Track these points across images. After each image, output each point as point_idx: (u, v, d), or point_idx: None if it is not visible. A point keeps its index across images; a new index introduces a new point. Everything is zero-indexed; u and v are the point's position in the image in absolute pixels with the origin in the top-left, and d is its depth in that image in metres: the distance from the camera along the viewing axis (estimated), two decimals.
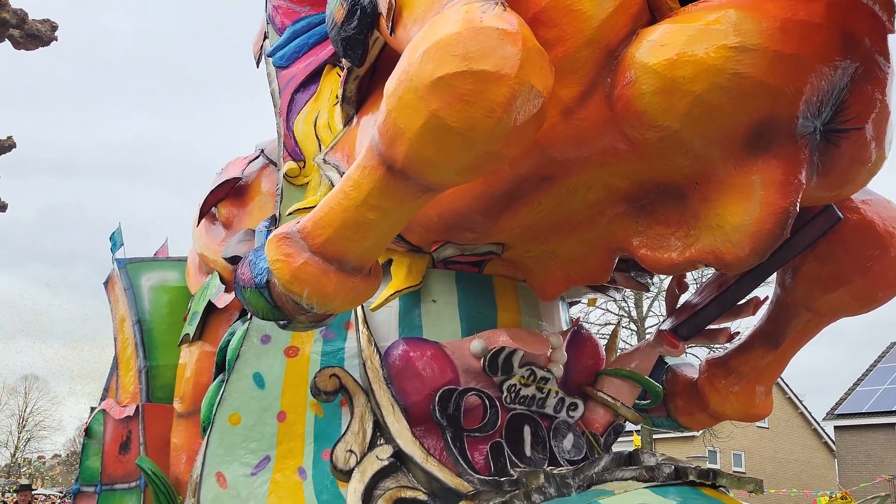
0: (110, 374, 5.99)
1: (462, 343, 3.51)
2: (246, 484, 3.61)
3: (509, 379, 3.43)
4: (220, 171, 5.09)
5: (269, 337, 3.82)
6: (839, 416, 31.69)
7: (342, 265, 2.74)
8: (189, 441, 4.60)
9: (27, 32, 17.92)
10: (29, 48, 18.29)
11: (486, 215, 3.16)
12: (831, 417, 32.19)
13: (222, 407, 3.73)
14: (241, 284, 3.06)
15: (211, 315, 4.73)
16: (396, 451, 3.27)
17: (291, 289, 2.73)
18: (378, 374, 3.42)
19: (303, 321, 2.99)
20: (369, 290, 2.86)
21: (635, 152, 2.72)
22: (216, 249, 4.79)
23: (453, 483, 3.10)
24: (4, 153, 18.26)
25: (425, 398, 3.32)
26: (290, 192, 4.00)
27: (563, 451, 3.42)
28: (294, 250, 2.73)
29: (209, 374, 4.57)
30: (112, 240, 6.10)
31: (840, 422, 31.61)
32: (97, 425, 5.60)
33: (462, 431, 3.24)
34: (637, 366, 3.81)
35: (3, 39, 17.21)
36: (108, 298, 5.90)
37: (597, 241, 3.24)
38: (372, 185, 2.57)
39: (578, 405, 3.59)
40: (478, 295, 3.73)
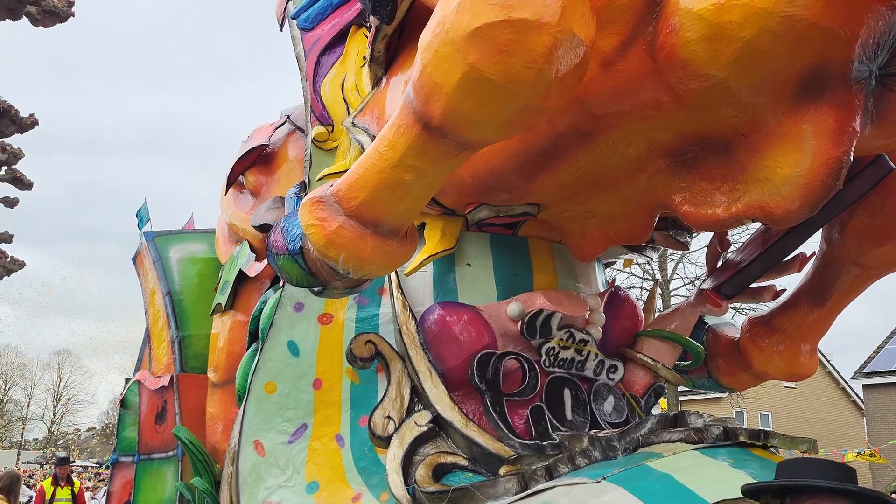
0: (143, 346, 6.01)
1: (499, 306, 3.45)
2: (284, 451, 3.60)
3: (548, 342, 3.37)
4: (245, 138, 5.03)
5: (302, 304, 3.78)
6: (867, 375, 31.37)
7: (378, 228, 2.68)
8: (224, 410, 4.59)
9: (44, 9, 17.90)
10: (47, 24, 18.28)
11: (523, 174, 3.07)
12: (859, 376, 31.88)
13: (258, 376, 3.71)
14: (274, 251, 3.01)
15: (242, 284, 4.70)
16: (435, 417, 3.23)
17: (327, 254, 2.67)
18: (414, 340, 3.37)
19: (338, 287, 2.93)
20: (406, 254, 2.80)
21: (679, 104, 2.61)
22: (245, 218, 4.74)
23: (494, 448, 3.05)
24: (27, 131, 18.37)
25: (463, 363, 3.27)
26: (318, 157, 3.93)
27: (604, 413, 3.36)
28: (328, 214, 2.67)
29: (242, 343, 4.55)
30: (139, 216, 6.08)
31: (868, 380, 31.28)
32: (132, 396, 5.63)
33: (501, 396, 3.19)
34: (677, 326, 3.73)
35: (21, 16, 17.23)
36: (138, 273, 5.90)
37: (636, 199, 3.14)
38: (407, 145, 2.49)
39: (618, 367, 3.52)
40: (513, 257, 3.66)
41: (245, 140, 5.01)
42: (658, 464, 2.43)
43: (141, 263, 5.80)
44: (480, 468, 3.10)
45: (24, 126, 18.20)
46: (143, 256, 5.74)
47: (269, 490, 3.51)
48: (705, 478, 2.34)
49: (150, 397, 5.30)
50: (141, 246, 5.81)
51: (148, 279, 5.68)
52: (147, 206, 6.05)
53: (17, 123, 17.91)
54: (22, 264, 18.92)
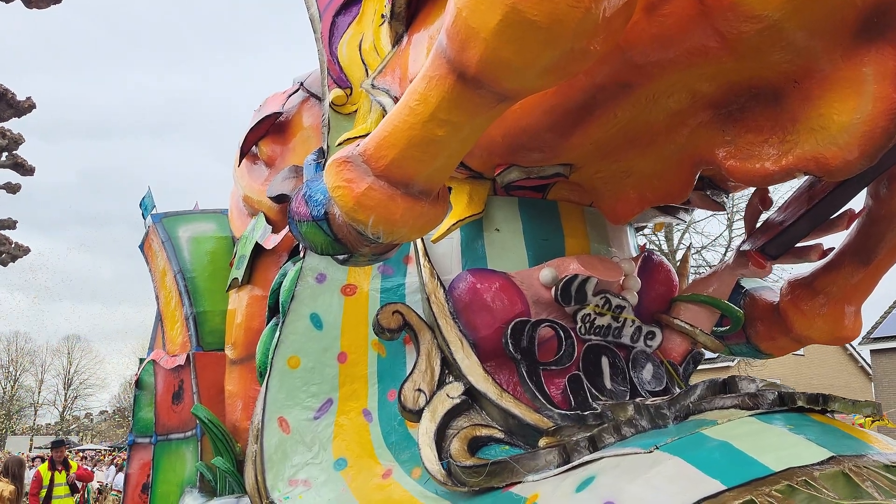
0: (154, 330, 5.90)
1: (531, 272, 3.30)
2: (309, 428, 3.48)
3: (583, 308, 3.22)
4: (257, 107, 4.87)
5: (324, 276, 3.64)
6: (875, 340, 31.26)
7: (409, 189, 2.53)
8: (244, 387, 4.48)
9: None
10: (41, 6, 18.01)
11: (557, 131, 2.91)
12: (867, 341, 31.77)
13: (280, 350, 3.58)
14: (297, 219, 2.86)
15: (258, 258, 4.57)
16: (468, 389, 3.10)
17: (355, 217, 2.52)
18: (444, 309, 3.23)
19: (365, 253, 2.79)
20: (438, 216, 2.65)
21: (727, 50, 2.44)
22: (260, 189, 4.60)
23: (532, 419, 2.92)
24: (24, 114, 18.20)
25: (496, 332, 3.13)
26: (337, 121, 3.77)
27: (644, 382, 3.23)
28: (356, 175, 2.52)
29: (261, 318, 4.42)
30: (143, 205, 5.94)
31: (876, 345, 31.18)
32: (148, 376, 5.53)
33: (538, 365, 3.05)
34: (715, 290, 3.58)
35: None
36: (146, 259, 5.78)
37: (677, 155, 2.98)
38: (440, 97, 2.32)
39: (656, 334, 3.38)
40: (543, 222, 3.50)
41: (257, 109, 4.85)
42: (713, 431, 2.29)
43: (149, 248, 5.68)
44: (517, 440, 2.97)
45: (21, 110, 18.04)
46: (152, 240, 5.62)
47: (295, 468, 3.39)
48: (766, 444, 2.20)
49: (166, 377, 5.19)
50: (148, 231, 5.69)
51: (157, 261, 5.57)
52: (151, 194, 5.91)
53: (15, 107, 17.75)
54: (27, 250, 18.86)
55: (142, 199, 5.95)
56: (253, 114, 4.82)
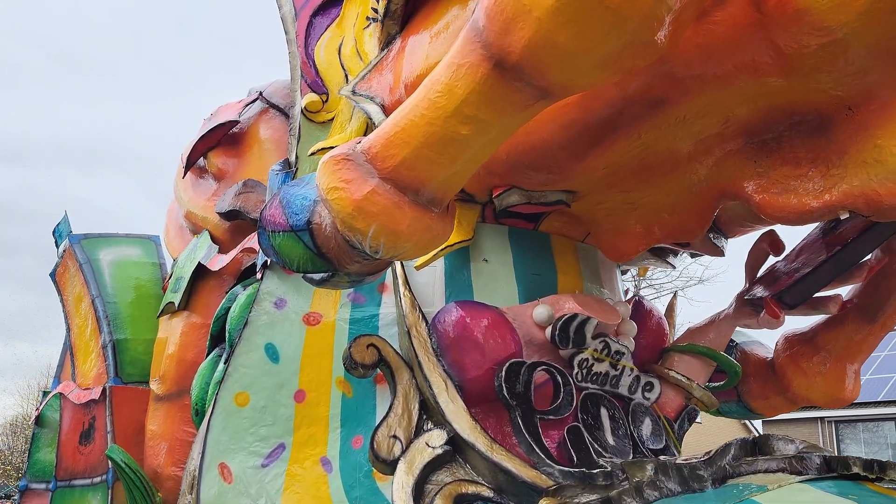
0: (61, 361, 5.22)
1: (523, 309, 2.95)
2: (256, 477, 2.99)
3: (580, 352, 2.89)
4: (208, 116, 4.41)
5: (284, 301, 3.19)
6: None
7: (418, 196, 2.16)
8: (171, 428, 3.92)
9: None
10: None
11: (571, 150, 2.61)
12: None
13: (226, 385, 3.09)
14: (271, 229, 2.44)
15: (198, 281, 4.06)
16: (451, 437, 2.69)
17: (353, 225, 2.12)
18: (426, 345, 2.84)
19: (352, 272, 2.39)
20: (445, 233, 2.28)
21: (780, 67, 2.20)
22: (206, 205, 4.13)
23: (528, 476, 2.53)
24: None
25: (486, 373, 2.75)
26: (309, 130, 3.38)
27: (644, 438, 2.89)
28: (358, 175, 2.13)
29: (197, 349, 3.90)
30: (57, 232, 5.30)
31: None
32: (51, 412, 4.84)
33: (534, 413, 2.68)
34: (711, 341, 3.32)
35: None
36: (58, 288, 5.14)
37: (697, 188, 2.71)
38: (469, 89, 1.98)
39: (654, 385, 3.07)
40: (535, 255, 3.18)
41: (207, 118, 4.39)
42: (766, 498, 1.96)
43: (63, 274, 5.05)
44: (509, 500, 2.57)
45: None
46: (67, 264, 5.00)
47: None
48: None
49: (74, 413, 4.54)
50: (62, 256, 5.05)
51: (71, 288, 4.95)
52: (67, 219, 5.28)
53: None
54: None
55: (56, 226, 5.32)
56: (202, 122, 4.36)
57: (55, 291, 5.21)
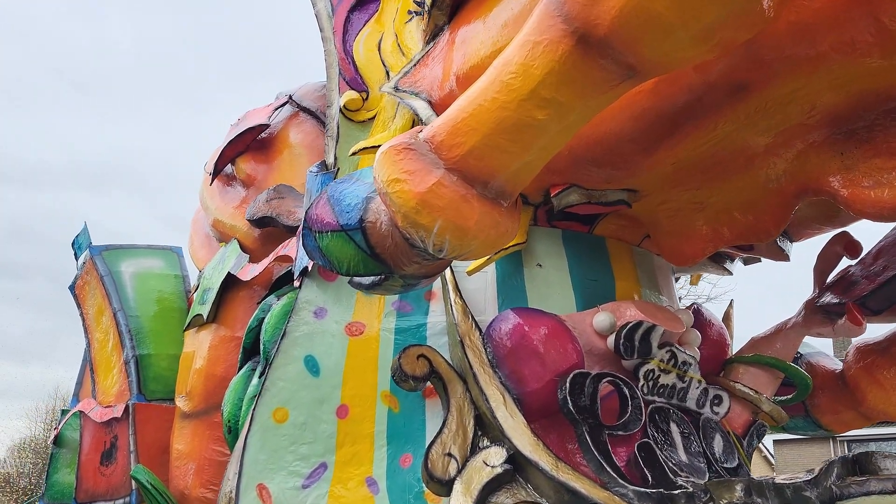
0: (80, 377, 5.04)
1: (582, 317, 2.76)
2: (296, 499, 2.78)
3: (646, 363, 2.68)
4: (235, 122, 4.25)
5: (324, 310, 3.00)
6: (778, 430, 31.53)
7: (487, 189, 1.97)
8: (199, 447, 3.71)
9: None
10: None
11: (641, 144, 2.42)
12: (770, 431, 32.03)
13: (264, 400, 2.89)
14: (317, 229, 2.26)
15: (227, 293, 3.86)
16: (511, 455, 2.48)
17: (416, 221, 1.94)
18: (481, 356, 2.64)
19: (408, 274, 2.20)
20: (512, 230, 2.09)
21: (882, 46, 2.01)
22: (234, 213, 3.95)
23: (599, 497, 2.31)
24: None
25: (547, 385, 2.55)
26: (347, 130, 3.21)
27: (717, 455, 2.68)
28: (422, 166, 1.94)
29: (227, 363, 3.71)
30: (76, 244, 5.13)
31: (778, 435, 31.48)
32: (70, 431, 4.66)
33: (602, 429, 2.47)
34: (778, 351, 3.11)
35: None
36: (77, 301, 4.95)
37: (773, 184, 2.52)
38: (547, 69, 1.80)
39: (723, 398, 2.86)
40: (591, 259, 2.99)
41: (234, 124, 4.23)
42: None
43: (83, 287, 4.87)
44: None
45: None
46: (87, 277, 4.81)
47: None
48: None
49: (95, 431, 4.34)
50: (83, 268, 4.88)
51: (92, 300, 4.76)
52: (87, 231, 5.10)
53: None
54: None
55: (76, 237, 5.16)
56: (229, 128, 4.19)
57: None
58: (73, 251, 5.09)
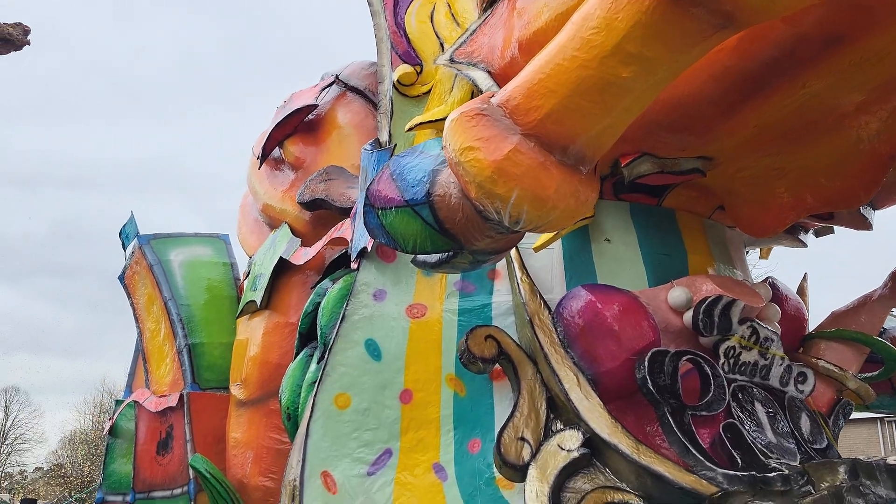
0: (132, 368, 5.02)
1: (656, 293, 2.62)
2: (361, 487, 2.70)
3: (726, 340, 2.53)
4: (281, 104, 4.16)
5: (383, 292, 2.91)
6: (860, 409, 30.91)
7: (566, 155, 1.84)
8: (257, 435, 3.65)
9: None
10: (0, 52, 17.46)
11: (722, 107, 2.27)
12: None
13: (324, 386, 2.80)
14: (380, 206, 2.16)
15: (279, 279, 3.79)
16: (587, 439, 2.36)
17: (492, 190, 1.81)
18: (552, 336, 2.52)
19: (479, 249, 2.08)
20: (591, 199, 1.96)
21: None
22: (284, 197, 3.87)
23: (686, 481, 2.19)
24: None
25: (623, 364, 2.42)
26: (401, 105, 3.10)
27: (805, 436, 2.53)
28: (497, 132, 1.82)
29: (282, 350, 3.64)
30: (123, 233, 5.11)
31: None
32: (126, 422, 4.64)
33: (686, 409, 2.34)
34: (863, 325, 2.94)
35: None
36: (127, 291, 4.93)
37: (865, 145, 2.36)
38: (634, 21, 1.66)
39: (808, 376, 2.70)
40: (661, 233, 2.84)
41: (280, 106, 4.14)
42: None
43: (132, 276, 4.85)
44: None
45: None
46: (136, 266, 4.79)
47: None
48: None
49: (150, 421, 4.32)
50: (131, 258, 4.85)
51: (142, 288, 4.73)
52: (134, 220, 5.07)
53: None
54: None
55: (123, 227, 5.14)
56: (276, 111, 4.11)
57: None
58: (120, 241, 5.07)
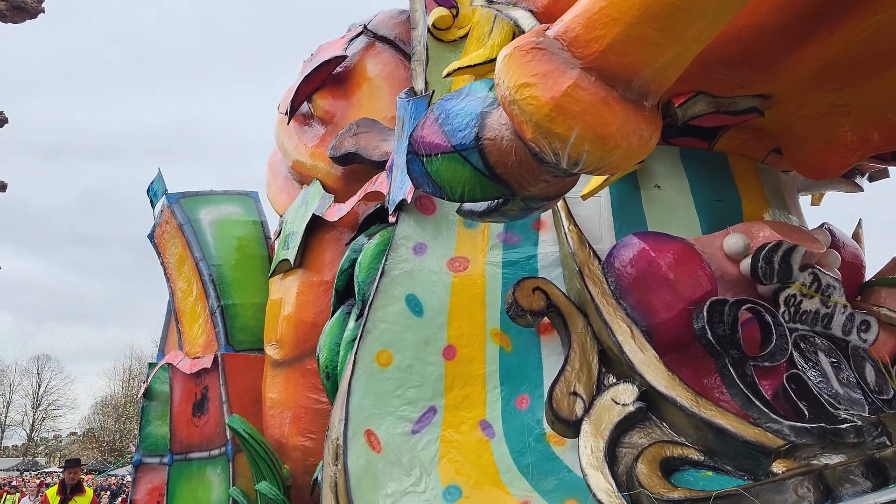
0: (165, 328, 4.99)
1: (711, 240, 2.51)
2: (407, 445, 2.63)
3: (786, 288, 2.42)
4: (308, 57, 4.03)
5: (423, 246, 2.81)
6: None
7: (628, 89, 1.72)
8: (294, 395, 3.60)
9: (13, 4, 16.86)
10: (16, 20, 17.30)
11: (786, 39, 2.13)
12: None
13: (365, 343, 2.72)
14: (425, 152, 2.05)
15: (311, 236, 3.70)
16: (643, 392, 2.27)
17: (551, 129, 1.70)
18: (603, 286, 2.41)
19: (532, 195, 1.97)
20: (655, 137, 1.84)
21: None
22: (315, 152, 3.76)
23: (750, 434, 2.09)
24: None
25: (679, 315, 2.32)
26: (438, 51, 2.97)
27: (871, 386, 2.42)
28: (555, 66, 1.70)
29: (317, 309, 3.57)
30: (151, 190, 5.03)
31: None
32: (160, 384, 4.62)
33: (747, 360, 2.23)
34: None
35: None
36: (157, 250, 4.87)
37: None
38: None
39: (871, 324, 2.59)
40: (713, 178, 2.72)
41: (307, 59, 4.01)
42: None
43: (161, 236, 4.78)
44: (725, 463, 2.14)
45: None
46: (165, 225, 4.72)
47: (391, 498, 2.53)
48: None
49: (185, 383, 4.29)
50: (160, 216, 4.78)
51: (172, 248, 4.66)
52: (162, 177, 4.99)
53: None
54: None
55: (150, 184, 5.05)
56: (303, 65, 3.98)
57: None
58: (148, 198, 5.00)
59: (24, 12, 17.11)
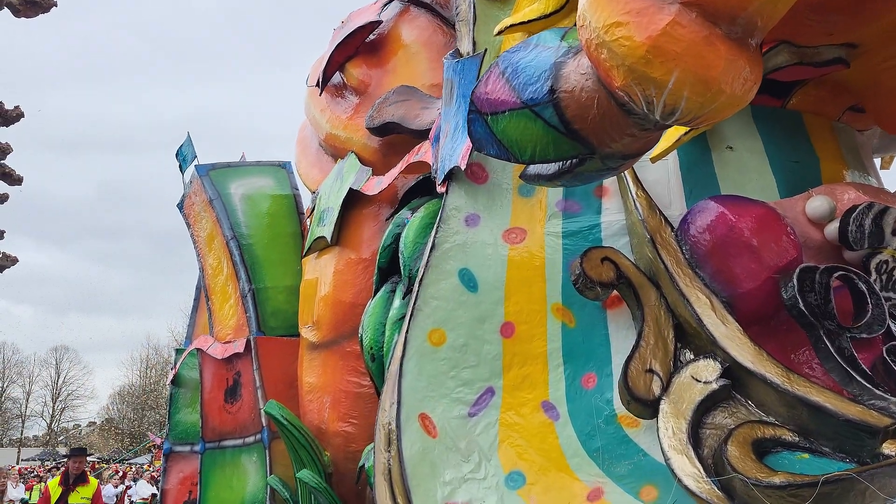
0: (194, 308, 4.84)
1: (792, 203, 2.32)
2: (463, 429, 2.46)
3: (877, 254, 2.23)
4: (339, 25, 3.84)
5: (476, 217, 2.63)
6: None
7: (733, 27, 1.53)
8: (333, 379, 3.44)
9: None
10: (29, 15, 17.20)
11: None
12: None
13: (416, 322, 2.56)
14: (489, 110, 1.87)
15: (347, 213, 3.52)
16: (726, 368, 2.09)
17: (647, 73, 1.51)
18: (677, 254, 2.23)
19: (614, 152, 1.78)
20: (758, 81, 1.64)
21: None
22: (349, 124, 3.58)
23: (852, 412, 1.90)
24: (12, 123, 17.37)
25: (763, 284, 2.13)
26: (486, 10, 2.78)
27: None
28: (651, 2, 1.51)
29: (356, 288, 3.40)
30: (180, 155, 4.86)
31: None
32: (188, 371, 4.48)
33: (843, 331, 2.05)
34: None
35: (3, 7, 16.31)
36: (186, 221, 4.71)
37: None
38: None
39: None
40: (788, 138, 2.52)
41: (338, 27, 3.82)
42: None
43: (190, 207, 4.61)
44: (822, 445, 1.96)
45: (9, 119, 17.12)
46: (194, 197, 4.55)
47: (449, 486, 2.37)
48: None
49: (216, 369, 4.14)
50: (189, 189, 4.62)
51: (202, 223, 4.49)
52: (191, 141, 4.83)
53: (3, 116, 16.78)
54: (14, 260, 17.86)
55: (179, 149, 4.86)
56: (333, 33, 3.79)
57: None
58: (177, 163, 4.83)
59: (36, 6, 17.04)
